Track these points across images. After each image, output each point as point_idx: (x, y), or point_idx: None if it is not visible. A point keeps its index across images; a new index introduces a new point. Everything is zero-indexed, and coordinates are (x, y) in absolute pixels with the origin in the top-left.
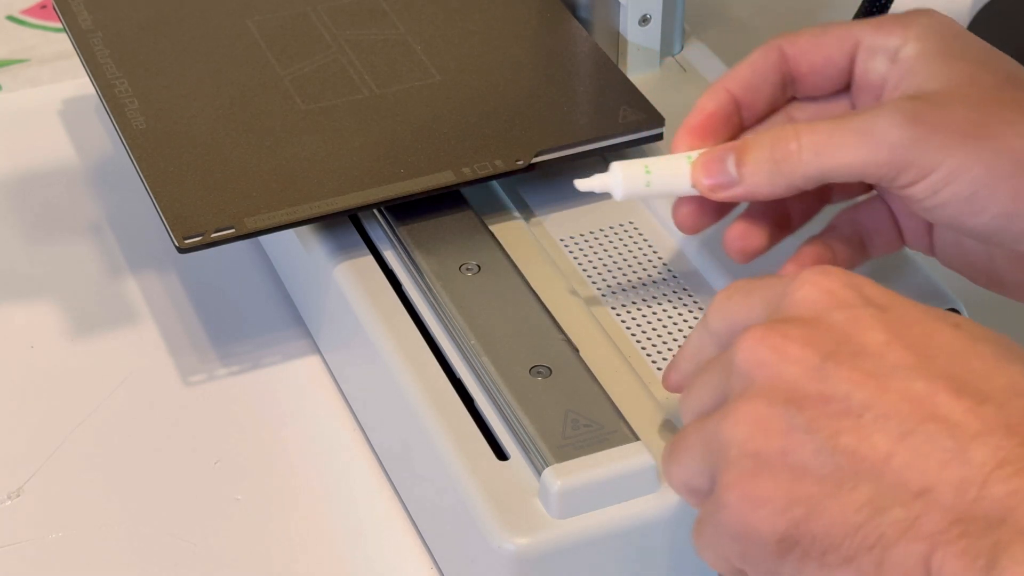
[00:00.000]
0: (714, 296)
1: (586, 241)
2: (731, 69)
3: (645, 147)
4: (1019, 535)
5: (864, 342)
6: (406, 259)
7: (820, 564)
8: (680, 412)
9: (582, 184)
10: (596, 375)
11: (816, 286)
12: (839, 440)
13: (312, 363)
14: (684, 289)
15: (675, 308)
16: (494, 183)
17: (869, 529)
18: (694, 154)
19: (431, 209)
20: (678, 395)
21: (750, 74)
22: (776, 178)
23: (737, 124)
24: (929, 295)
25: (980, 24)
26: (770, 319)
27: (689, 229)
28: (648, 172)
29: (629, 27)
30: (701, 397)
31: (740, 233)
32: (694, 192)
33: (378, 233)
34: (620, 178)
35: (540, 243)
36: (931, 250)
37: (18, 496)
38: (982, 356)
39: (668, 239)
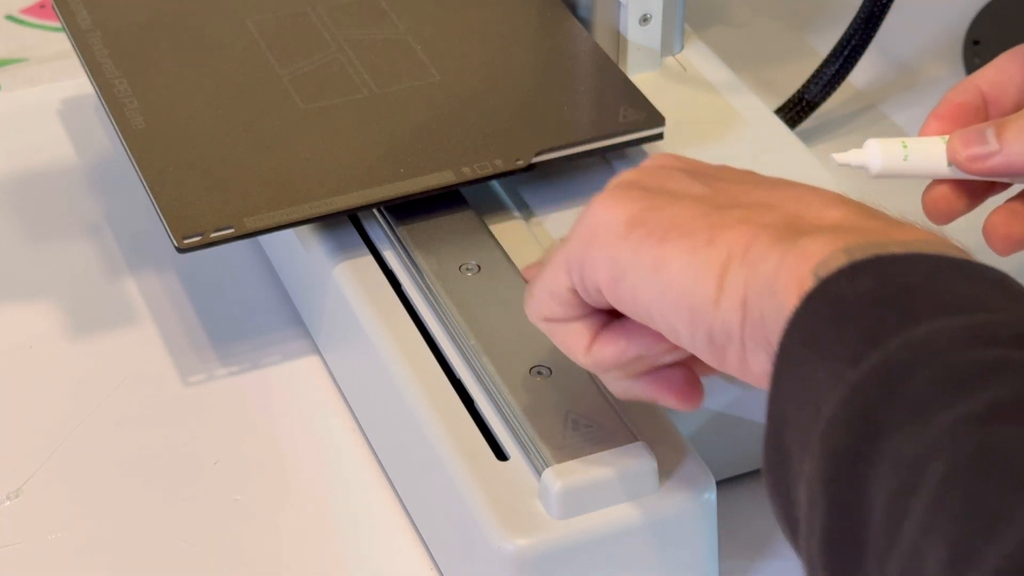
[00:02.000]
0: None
1: None
2: (979, 70)
3: (645, 147)
4: (832, 231)
5: (720, 171)
6: (406, 259)
7: (660, 240)
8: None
9: (839, 157)
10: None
11: (668, 155)
12: (710, 182)
13: (312, 363)
14: None
15: None
16: (494, 183)
17: (713, 216)
18: (946, 137)
19: (431, 209)
20: None
21: (997, 73)
22: None
23: (984, 119)
24: None
25: (980, 24)
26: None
27: (941, 215)
28: (905, 147)
29: (629, 27)
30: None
31: (1004, 219)
32: (948, 173)
33: (378, 233)
34: (878, 152)
35: (540, 243)
36: None
37: (18, 496)
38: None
39: None
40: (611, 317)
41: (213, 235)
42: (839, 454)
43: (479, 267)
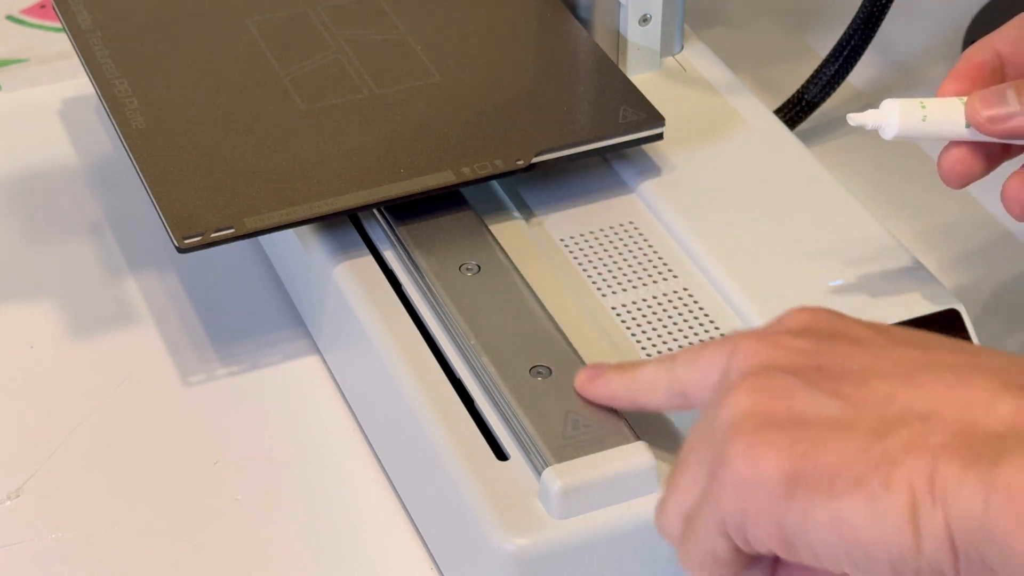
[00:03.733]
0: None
1: (586, 241)
2: (997, 29)
3: (646, 147)
4: (1021, 445)
5: (855, 334)
6: (406, 259)
7: (829, 495)
8: (661, 507)
9: (855, 118)
10: None
11: (806, 311)
12: (841, 389)
13: (312, 363)
14: (684, 289)
15: (675, 308)
16: (494, 183)
17: (876, 451)
18: (964, 99)
19: (431, 209)
20: None
21: (1015, 32)
22: None
23: (1001, 79)
24: (929, 295)
25: (980, 24)
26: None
27: (956, 178)
28: (923, 108)
29: (629, 27)
30: (686, 483)
31: (1022, 182)
32: (966, 135)
33: (378, 233)
34: (896, 113)
35: (540, 243)
36: None
37: (18, 496)
38: (974, 345)
39: (668, 239)
40: None
41: (213, 235)
42: None
43: (479, 267)
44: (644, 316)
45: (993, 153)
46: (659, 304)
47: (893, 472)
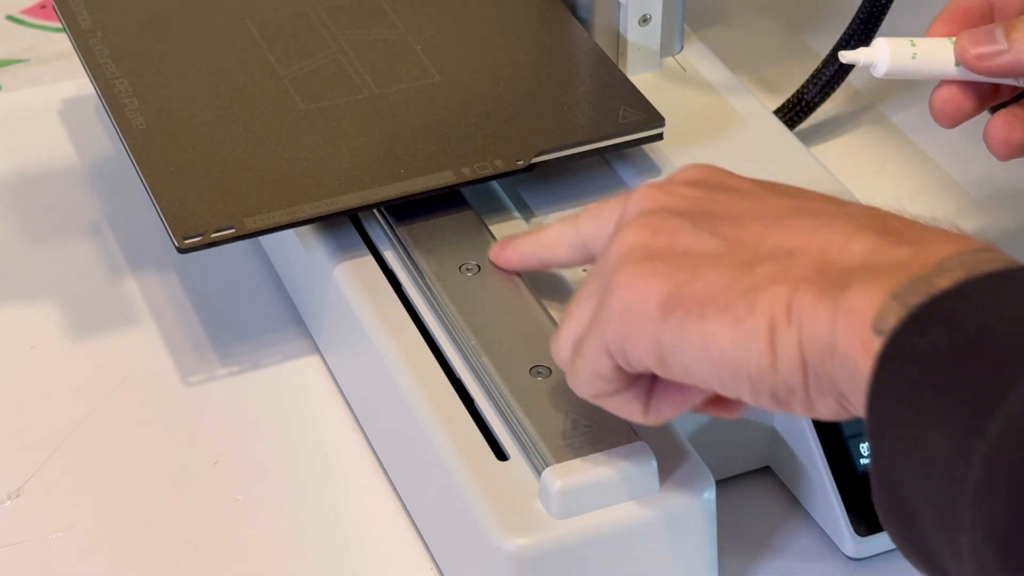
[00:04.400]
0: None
1: None
2: None
3: (645, 147)
4: (870, 273)
5: (738, 186)
6: (406, 259)
7: (700, 317)
8: (557, 334)
9: (846, 55)
10: None
11: (700, 167)
12: (721, 230)
13: (312, 363)
14: None
15: None
16: (494, 183)
17: (744, 281)
18: (954, 38)
19: (431, 209)
20: None
21: None
22: None
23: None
24: None
25: None
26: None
27: (948, 118)
28: (914, 46)
29: (629, 27)
30: (579, 312)
31: (1004, 124)
32: (955, 73)
33: (378, 233)
34: (887, 50)
35: None
36: None
37: (18, 496)
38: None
39: None
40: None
41: (213, 235)
42: (1009, 524)
43: (479, 267)
44: None
45: (983, 93)
46: None
47: (757, 298)
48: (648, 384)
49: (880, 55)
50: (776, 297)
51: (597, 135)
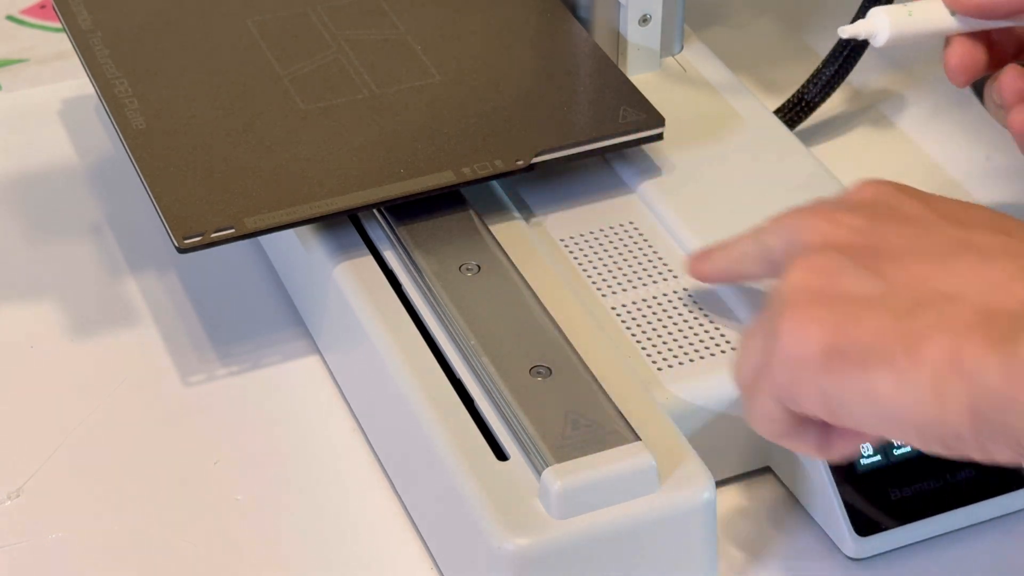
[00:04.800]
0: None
1: (586, 241)
2: None
3: (646, 147)
4: None
5: (906, 212)
6: (406, 259)
7: (863, 367)
8: (734, 369)
9: (845, 30)
10: (596, 375)
11: (871, 185)
12: (883, 270)
13: (312, 363)
14: (684, 289)
15: (675, 308)
16: (494, 183)
17: (906, 330)
18: None
19: (431, 209)
20: (678, 395)
21: None
22: None
23: None
24: None
25: None
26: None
27: (964, 72)
28: (911, 14)
29: (629, 27)
30: (752, 349)
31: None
32: (956, 24)
33: (378, 233)
34: (885, 18)
35: (540, 243)
36: None
37: (18, 496)
38: (1016, 222)
39: (668, 239)
40: None
41: (213, 235)
42: None
43: (479, 267)
44: (644, 316)
45: (997, 50)
46: (659, 304)
47: (920, 348)
48: (823, 425)
49: (879, 23)
50: (940, 347)
51: (597, 135)
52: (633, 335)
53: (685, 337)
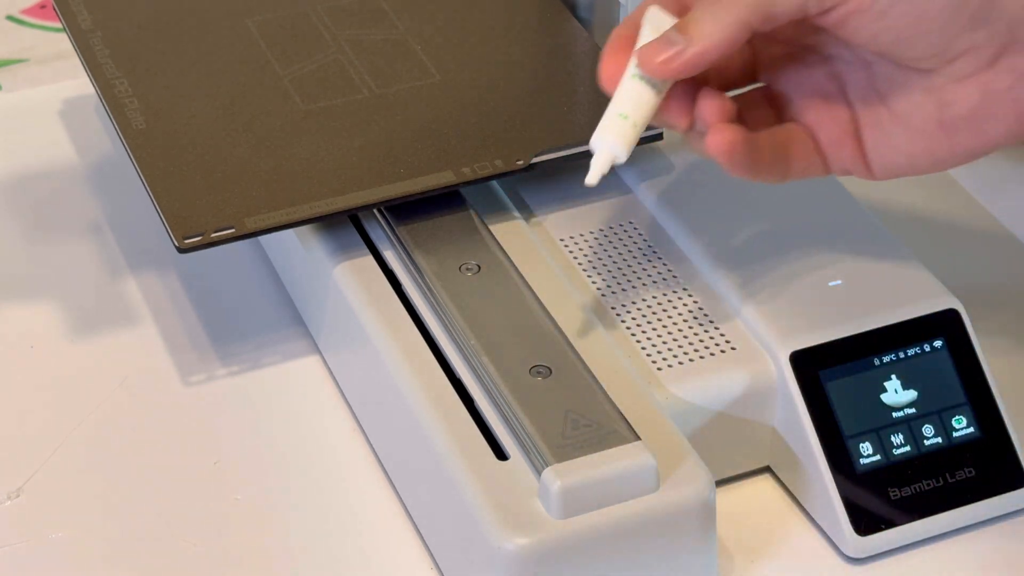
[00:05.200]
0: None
1: (586, 241)
2: (638, 5)
3: (646, 147)
4: None
5: None
6: (406, 259)
7: None
8: None
9: (593, 180)
10: (596, 375)
11: None
12: None
13: (312, 363)
14: (684, 289)
15: (675, 308)
16: (494, 183)
17: None
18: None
19: (431, 209)
20: (678, 395)
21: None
22: (723, 20)
23: None
24: (929, 295)
25: None
26: None
27: (720, 148)
28: (625, 117)
29: None
30: None
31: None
32: (663, 92)
33: (378, 233)
34: (608, 139)
35: (540, 243)
36: (862, 157)
37: (18, 496)
38: None
39: (668, 239)
40: None
41: (213, 235)
42: None
43: (479, 267)
44: (644, 316)
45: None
46: (659, 304)
47: None
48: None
49: (604, 148)
50: None
51: None
52: (633, 335)
53: (685, 337)
